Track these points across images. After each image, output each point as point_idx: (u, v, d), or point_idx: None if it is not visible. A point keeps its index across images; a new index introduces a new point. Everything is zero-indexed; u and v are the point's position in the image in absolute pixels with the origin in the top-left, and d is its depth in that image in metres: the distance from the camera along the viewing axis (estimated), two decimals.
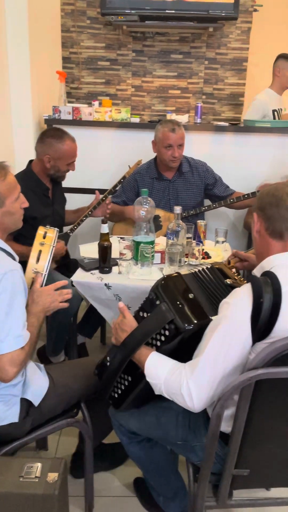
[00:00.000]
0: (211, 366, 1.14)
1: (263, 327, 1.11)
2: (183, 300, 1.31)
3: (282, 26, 4.53)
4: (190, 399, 1.15)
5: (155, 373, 1.23)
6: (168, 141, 2.49)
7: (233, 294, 1.18)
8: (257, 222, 1.27)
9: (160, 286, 1.35)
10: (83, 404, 1.55)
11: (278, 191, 1.22)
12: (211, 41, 3.78)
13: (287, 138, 2.95)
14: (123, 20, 3.45)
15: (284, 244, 1.22)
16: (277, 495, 1.38)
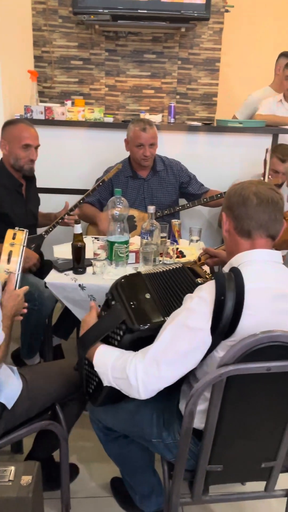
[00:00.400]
0: (163, 354, 1.16)
1: (227, 324, 1.12)
2: (138, 300, 1.32)
3: (253, 26, 4.60)
4: (135, 385, 1.16)
5: (102, 361, 1.26)
6: (139, 140, 2.50)
7: (198, 289, 1.20)
8: (226, 222, 1.29)
9: (117, 286, 1.37)
10: (58, 406, 1.54)
11: (244, 190, 1.23)
12: (184, 41, 3.80)
13: (259, 138, 3.00)
14: (95, 20, 3.43)
15: (252, 242, 1.24)
16: (251, 489, 1.40)
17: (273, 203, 1.21)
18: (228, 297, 1.11)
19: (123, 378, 1.19)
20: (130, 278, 1.42)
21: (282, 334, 1.10)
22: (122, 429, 1.47)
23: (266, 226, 1.22)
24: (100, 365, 1.26)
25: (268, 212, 1.21)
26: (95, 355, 1.28)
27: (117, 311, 1.30)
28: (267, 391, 1.16)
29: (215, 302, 1.12)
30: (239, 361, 1.09)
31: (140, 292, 1.36)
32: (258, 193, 1.21)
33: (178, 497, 1.29)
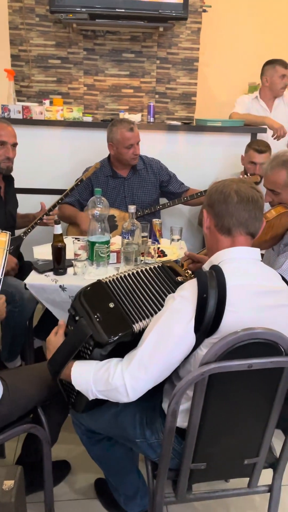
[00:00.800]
0: (149, 358, 1.15)
1: (210, 322, 1.13)
2: (103, 311, 1.27)
3: (230, 26, 4.64)
4: (124, 391, 1.16)
5: (82, 379, 1.23)
6: (129, 141, 2.50)
7: (179, 289, 1.20)
8: (206, 219, 1.29)
9: (79, 299, 1.31)
10: (40, 409, 1.52)
11: (225, 187, 1.25)
12: (162, 41, 3.80)
13: (237, 137, 3.02)
14: (72, 18, 3.41)
15: (233, 240, 1.25)
16: (234, 486, 1.41)
17: (253, 201, 1.22)
18: (210, 295, 1.12)
19: (108, 390, 1.18)
20: (90, 290, 1.34)
21: (263, 331, 1.11)
22: (105, 431, 1.46)
23: (246, 224, 1.23)
24: (80, 383, 1.23)
25: (249, 210, 1.22)
26: (72, 375, 1.24)
27: (82, 326, 1.25)
28: (249, 388, 1.17)
29: (198, 300, 1.12)
30: (221, 359, 1.10)
31: (103, 302, 1.30)
32: (239, 191, 1.23)
33: (162, 496, 1.29)
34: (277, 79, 3.21)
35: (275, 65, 3.22)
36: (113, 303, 1.31)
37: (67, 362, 1.26)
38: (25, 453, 1.70)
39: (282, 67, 3.20)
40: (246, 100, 3.32)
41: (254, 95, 3.34)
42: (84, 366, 1.25)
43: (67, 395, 1.42)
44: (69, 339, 1.29)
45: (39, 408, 1.52)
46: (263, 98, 3.32)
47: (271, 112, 3.31)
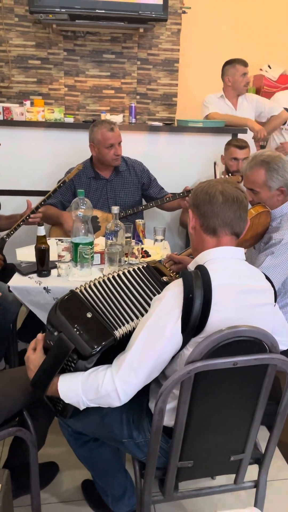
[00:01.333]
0: (139, 361, 1.16)
1: (196, 322, 1.14)
2: (80, 323, 1.24)
3: (210, 28, 4.68)
4: (116, 396, 1.16)
5: (71, 392, 1.21)
6: (109, 141, 2.50)
7: (165, 290, 1.21)
8: (192, 219, 1.31)
9: (54, 314, 1.28)
10: (26, 412, 1.51)
11: (211, 188, 1.26)
12: (143, 42, 3.82)
13: (218, 138, 3.05)
14: (52, 19, 3.40)
15: (218, 240, 1.26)
16: (221, 483, 1.43)
17: (238, 201, 1.24)
18: (196, 295, 1.13)
19: (99, 397, 1.18)
20: (65, 302, 1.30)
21: (247, 329, 1.13)
22: (92, 432, 1.46)
23: (231, 224, 1.25)
24: (70, 396, 1.22)
25: (234, 210, 1.24)
26: (59, 390, 1.22)
27: (63, 341, 1.21)
28: (234, 385, 1.19)
29: (184, 300, 1.13)
30: (207, 357, 1.11)
31: (80, 313, 1.27)
32: (224, 191, 1.24)
33: (150, 495, 1.29)
34: (239, 77, 3.30)
35: (235, 64, 3.30)
36: (90, 312, 1.28)
37: (52, 378, 1.24)
38: (12, 457, 1.69)
39: (242, 65, 3.28)
40: (215, 99, 3.38)
41: (219, 94, 3.40)
42: (71, 378, 1.23)
43: (54, 405, 1.39)
44: (51, 356, 1.25)
45: (25, 411, 1.51)
46: (227, 97, 3.40)
47: (236, 110, 3.38)
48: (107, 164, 2.59)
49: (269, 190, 1.83)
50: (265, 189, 1.83)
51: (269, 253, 1.78)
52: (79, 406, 1.23)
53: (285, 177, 1.81)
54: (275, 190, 1.83)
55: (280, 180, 1.81)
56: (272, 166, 1.80)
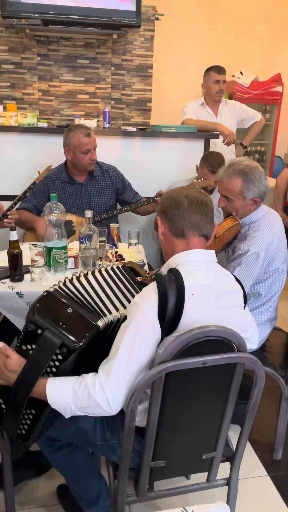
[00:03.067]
0: (126, 366, 1.17)
1: (169, 322, 1.17)
2: (63, 319, 1.26)
3: (183, 35, 4.76)
4: (107, 405, 1.17)
5: (60, 397, 1.21)
6: (86, 146, 2.51)
7: (141, 294, 1.23)
8: (161, 225, 1.35)
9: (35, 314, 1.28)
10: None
11: (175, 193, 1.32)
12: (116, 48, 3.85)
13: (191, 143, 3.10)
14: (25, 24, 3.39)
15: (187, 242, 1.30)
16: (194, 481, 1.45)
17: (202, 203, 1.29)
18: (170, 295, 1.16)
19: (90, 406, 1.18)
20: (43, 301, 1.31)
21: (216, 329, 1.15)
22: (65, 437, 1.46)
23: (198, 226, 1.29)
24: (58, 401, 1.21)
25: (199, 212, 1.28)
26: (47, 393, 1.21)
27: (48, 339, 1.22)
28: (204, 384, 1.22)
29: (159, 301, 1.16)
30: (177, 357, 1.14)
31: (60, 310, 1.28)
32: (188, 195, 1.30)
33: (123, 496, 1.31)
34: (211, 84, 3.37)
35: (210, 71, 3.38)
36: (70, 308, 1.30)
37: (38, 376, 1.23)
38: None
39: (215, 72, 3.34)
40: (194, 106, 3.44)
41: (200, 101, 3.46)
42: (60, 383, 1.23)
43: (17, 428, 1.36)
44: (37, 354, 1.25)
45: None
46: (207, 103, 3.46)
47: (216, 117, 3.44)
48: (82, 168, 2.60)
49: (243, 200, 1.85)
50: (239, 198, 1.85)
51: (237, 264, 1.83)
52: (64, 413, 1.22)
53: (260, 189, 1.83)
54: (249, 200, 1.86)
55: (255, 191, 1.83)
56: (249, 177, 1.81)
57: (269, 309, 1.95)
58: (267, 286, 1.89)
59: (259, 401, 1.29)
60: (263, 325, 1.96)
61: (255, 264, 1.80)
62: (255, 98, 5.08)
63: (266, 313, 1.95)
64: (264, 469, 1.93)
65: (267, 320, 1.97)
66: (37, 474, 1.84)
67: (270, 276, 1.88)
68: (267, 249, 1.82)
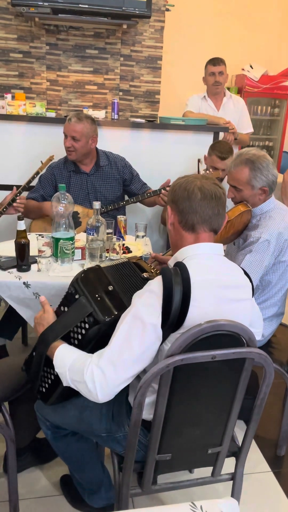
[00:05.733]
0: (118, 354, 1.16)
1: (176, 317, 1.15)
2: (102, 292, 1.32)
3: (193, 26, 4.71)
4: (93, 388, 1.16)
5: (62, 362, 1.25)
6: (64, 129, 2.49)
7: (146, 286, 1.21)
8: (171, 215, 1.31)
9: (79, 280, 1.36)
10: (3, 406, 1.50)
11: (189, 184, 1.26)
12: (126, 38, 3.81)
13: (200, 136, 3.07)
14: (34, 12, 3.36)
15: (196, 236, 1.27)
16: (198, 475, 1.44)
17: (216, 197, 1.24)
18: (176, 291, 1.14)
19: (80, 381, 1.19)
20: (91, 272, 1.40)
21: (226, 323, 1.14)
22: (71, 426, 1.46)
23: (209, 221, 1.25)
24: (59, 365, 1.25)
25: (212, 206, 1.24)
26: (55, 354, 1.26)
27: (82, 303, 1.30)
28: (212, 379, 1.21)
29: (163, 297, 1.14)
30: (186, 351, 1.12)
31: (103, 284, 1.36)
32: (202, 188, 1.24)
33: (128, 488, 1.30)
34: (207, 76, 3.37)
35: (206, 64, 3.37)
36: (112, 286, 1.35)
37: (60, 335, 1.30)
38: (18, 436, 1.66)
39: (211, 65, 3.34)
40: (196, 99, 3.42)
41: (203, 94, 3.45)
42: (68, 350, 1.27)
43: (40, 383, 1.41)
44: (68, 314, 1.33)
45: (3, 406, 1.50)
46: (210, 97, 3.45)
47: (218, 111, 3.42)
48: None
49: (251, 189, 1.85)
50: (248, 187, 1.85)
51: (248, 251, 1.81)
52: (63, 380, 1.25)
53: (268, 178, 1.83)
54: (258, 189, 1.85)
55: (263, 180, 1.82)
56: (256, 166, 1.81)
57: (277, 303, 1.94)
58: (276, 278, 1.88)
59: (266, 397, 1.28)
60: (270, 319, 1.95)
61: (266, 251, 1.79)
62: (265, 93, 5.04)
63: (273, 307, 1.93)
64: (267, 465, 1.93)
65: (274, 314, 1.95)
66: (43, 461, 1.84)
67: (279, 268, 1.87)
68: (278, 237, 1.81)
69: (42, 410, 1.49)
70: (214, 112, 3.40)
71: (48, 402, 1.40)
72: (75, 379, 1.21)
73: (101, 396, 1.17)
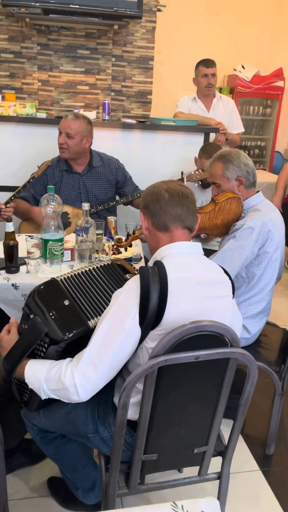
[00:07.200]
0: (97, 356, 1.17)
1: (153, 315, 1.16)
2: (57, 309, 1.29)
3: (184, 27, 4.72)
4: (75, 392, 1.18)
5: (35, 378, 1.24)
6: (59, 126, 2.50)
7: (124, 286, 1.23)
8: (144, 220, 1.35)
9: (33, 298, 1.31)
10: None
11: (156, 188, 1.33)
12: (117, 39, 3.81)
13: (191, 137, 3.08)
14: (25, 12, 3.35)
15: (171, 235, 1.30)
16: (185, 475, 1.45)
17: (183, 195, 1.30)
18: (153, 289, 1.16)
19: (59, 389, 1.20)
20: (44, 288, 1.35)
21: (210, 324, 1.15)
22: (58, 429, 1.47)
23: (180, 218, 1.29)
24: (33, 382, 1.25)
25: (181, 204, 1.29)
26: (25, 373, 1.26)
27: (37, 324, 1.26)
28: (197, 379, 1.21)
29: (141, 295, 1.16)
30: (169, 352, 1.13)
31: (58, 300, 1.31)
32: (168, 189, 1.31)
33: (115, 489, 1.31)
34: (200, 78, 3.38)
35: (198, 65, 3.37)
36: (68, 300, 1.32)
37: (22, 359, 1.27)
38: None
39: (204, 66, 3.34)
40: (187, 100, 3.43)
41: (193, 95, 3.46)
42: (38, 365, 1.27)
43: (20, 394, 1.42)
44: (25, 336, 1.30)
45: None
46: (199, 98, 3.46)
47: (208, 112, 3.43)
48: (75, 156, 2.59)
49: (228, 181, 1.94)
50: (224, 180, 1.95)
51: (231, 237, 1.88)
52: (40, 394, 1.25)
53: (241, 167, 1.92)
54: (234, 181, 1.94)
55: (235, 170, 1.92)
56: (227, 158, 1.93)
57: (264, 298, 1.95)
58: (260, 271, 1.90)
59: (251, 396, 1.29)
60: (257, 316, 1.96)
61: (249, 238, 1.84)
62: (256, 93, 5.06)
63: (260, 303, 1.95)
64: (256, 463, 1.94)
65: (261, 311, 1.96)
66: (33, 462, 1.84)
67: (263, 260, 1.89)
68: (262, 227, 1.85)
69: (28, 415, 1.50)
70: (204, 113, 3.42)
71: (34, 408, 1.40)
72: (53, 388, 1.21)
73: (84, 395, 1.19)
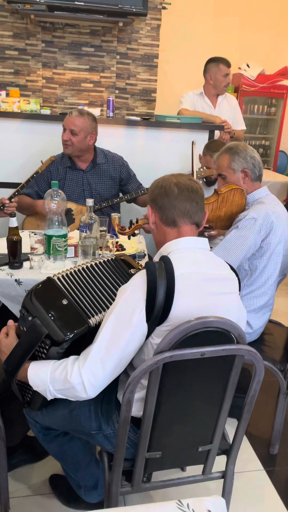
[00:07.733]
0: (104, 353, 1.15)
1: (160, 311, 1.14)
2: (56, 309, 1.24)
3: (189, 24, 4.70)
4: (82, 390, 1.15)
5: (39, 380, 1.21)
6: (63, 122, 2.49)
7: (130, 280, 1.21)
8: (151, 214, 1.33)
9: (30, 299, 1.27)
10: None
11: (165, 181, 1.30)
12: (122, 36, 3.80)
13: (195, 134, 3.06)
14: (30, 9, 3.34)
15: (178, 230, 1.28)
16: (189, 474, 1.43)
17: (193, 191, 1.27)
18: (160, 284, 1.13)
19: (66, 388, 1.18)
20: (41, 288, 1.29)
21: (215, 320, 1.13)
22: (60, 426, 1.45)
23: (189, 214, 1.27)
24: (38, 384, 1.22)
25: (190, 200, 1.27)
26: (28, 376, 1.23)
27: (36, 326, 1.21)
28: (202, 375, 1.20)
29: (147, 290, 1.14)
30: (175, 348, 1.12)
31: (56, 300, 1.27)
32: (178, 183, 1.28)
33: (117, 486, 1.29)
34: (220, 77, 3.31)
35: (218, 63, 3.30)
36: (66, 299, 1.28)
37: (23, 363, 1.23)
38: None
39: (225, 65, 3.29)
40: (192, 96, 3.40)
41: (199, 91, 3.42)
42: (41, 366, 1.23)
43: (22, 395, 1.39)
44: (24, 339, 1.25)
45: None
46: (207, 94, 3.42)
47: (215, 109, 3.40)
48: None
49: (234, 173, 1.95)
50: (230, 171, 1.96)
51: (234, 227, 1.88)
52: (46, 395, 1.23)
53: (247, 159, 1.93)
54: (239, 172, 1.94)
55: (242, 162, 1.94)
56: (234, 150, 1.95)
57: (267, 292, 1.93)
58: (263, 263, 1.89)
59: (257, 394, 1.28)
60: (260, 310, 1.94)
61: (252, 228, 1.83)
62: (261, 92, 5.03)
63: (263, 297, 1.93)
64: (260, 463, 1.93)
65: (263, 305, 1.94)
66: (35, 460, 1.83)
67: (266, 252, 1.87)
68: (265, 218, 1.84)
69: (31, 413, 1.48)
70: (210, 109, 3.39)
71: (36, 408, 1.37)
72: (60, 388, 1.19)
73: (92, 393, 1.17)
